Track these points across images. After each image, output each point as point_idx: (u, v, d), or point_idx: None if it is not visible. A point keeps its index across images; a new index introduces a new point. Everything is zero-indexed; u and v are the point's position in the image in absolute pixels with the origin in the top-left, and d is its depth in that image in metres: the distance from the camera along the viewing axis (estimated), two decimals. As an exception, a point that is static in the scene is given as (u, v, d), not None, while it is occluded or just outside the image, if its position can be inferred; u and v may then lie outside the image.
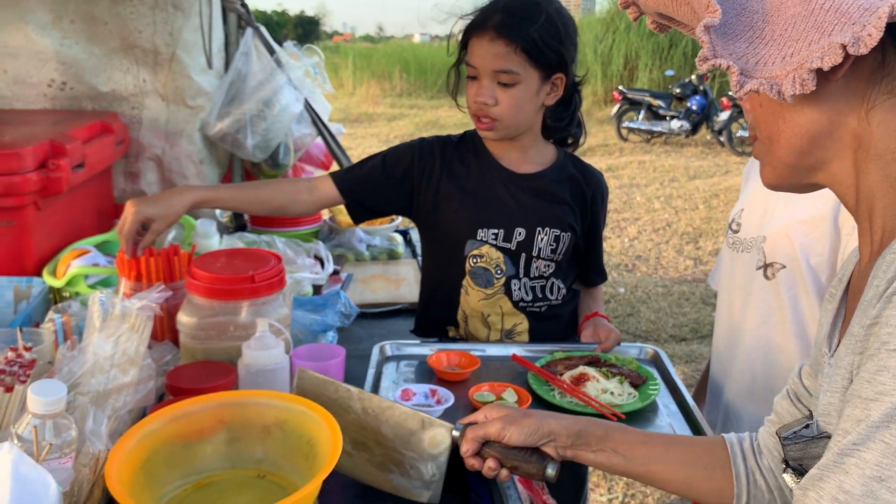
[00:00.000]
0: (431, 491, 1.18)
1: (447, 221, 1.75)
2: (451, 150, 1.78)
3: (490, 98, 1.62)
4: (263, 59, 2.49)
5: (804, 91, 0.73)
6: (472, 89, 1.66)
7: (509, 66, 1.60)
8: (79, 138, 1.98)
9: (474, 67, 1.63)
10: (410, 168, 1.76)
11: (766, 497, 1.05)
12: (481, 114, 1.65)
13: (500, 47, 1.59)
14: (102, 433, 1.00)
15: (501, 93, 1.62)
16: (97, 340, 1.13)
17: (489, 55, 1.60)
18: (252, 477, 1.14)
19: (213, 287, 1.36)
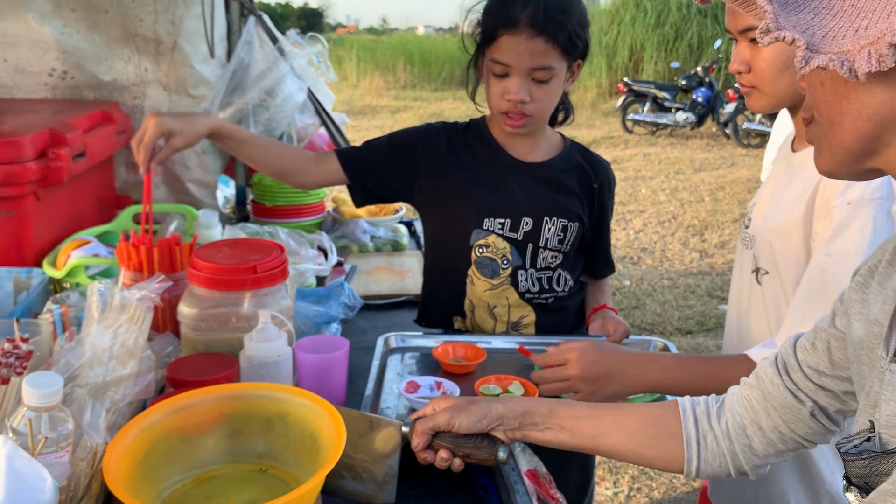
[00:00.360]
0: (386, 491, 1.16)
1: (453, 210, 1.72)
2: (457, 138, 1.75)
3: (526, 95, 1.58)
4: (266, 47, 2.46)
5: (881, 68, 0.65)
6: (497, 86, 1.60)
7: (548, 62, 1.56)
8: (79, 127, 1.95)
9: (505, 65, 1.57)
10: (414, 151, 1.73)
11: (717, 461, 1.05)
12: (515, 111, 1.60)
13: (540, 44, 1.53)
14: (100, 426, 0.97)
15: (536, 89, 1.58)
16: (95, 332, 1.11)
17: (526, 53, 1.54)
18: (254, 471, 1.12)
19: (215, 277, 1.34)
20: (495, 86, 1.60)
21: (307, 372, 1.33)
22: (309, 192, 2.50)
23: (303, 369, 1.33)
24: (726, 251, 6.52)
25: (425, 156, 1.73)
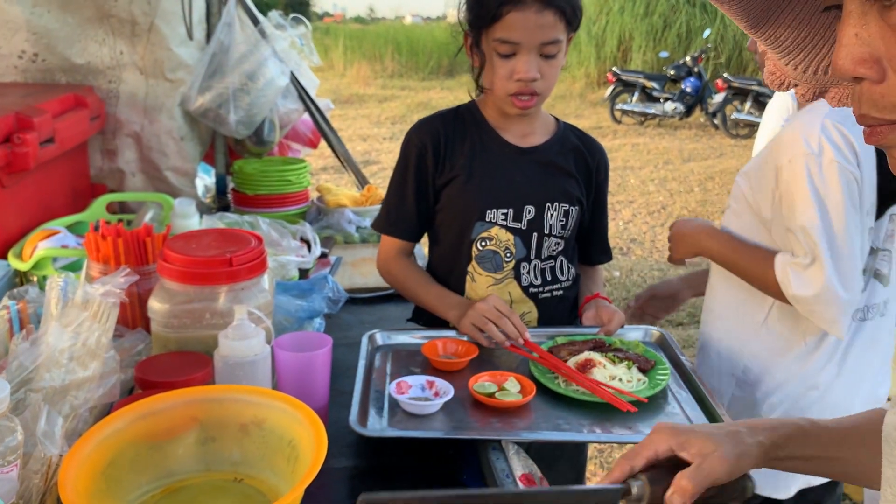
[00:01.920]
0: None
1: (452, 204, 1.64)
2: (449, 127, 1.65)
3: (537, 73, 1.51)
4: (247, 29, 2.37)
5: None
6: (505, 67, 1.52)
7: (556, 35, 1.50)
8: (48, 111, 1.86)
9: (514, 43, 1.49)
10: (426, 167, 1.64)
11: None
12: (526, 91, 1.53)
13: (549, 17, 1.48)
14: (56, 435, 0.89)
15: (544, 65, 1.52)
16: (53, 330, 1.02)
17: (536, 27, 1.48)
18: (228, 481, 1.04)
19: (187, 271, 1.25)
20: (502, 67, 1.52)
21: (287, 372, 1.24)
22: (292, 180, 2.41)
23: (282, 369, 1.24)
24: (716, 242, 6.47)
25: (434, 158, 1.63)
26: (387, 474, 1.22)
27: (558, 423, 1.30)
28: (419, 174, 1.64)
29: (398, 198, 1.67)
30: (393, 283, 1.73)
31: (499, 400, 1.32)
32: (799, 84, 0.74)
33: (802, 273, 1.48)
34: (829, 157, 1.46)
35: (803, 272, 1.48)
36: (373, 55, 19.75)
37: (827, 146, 1.47)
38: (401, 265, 1.69)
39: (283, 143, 2.74)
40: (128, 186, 2.38)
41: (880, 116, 0.62)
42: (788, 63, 0.73)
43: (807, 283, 1.48)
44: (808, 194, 1.47)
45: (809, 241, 1.48)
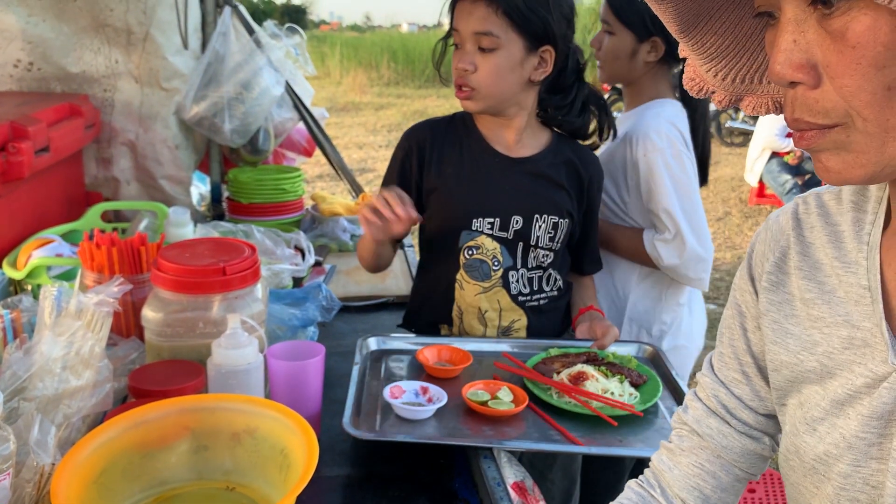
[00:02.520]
0: None
1: (439, 212, 1.64)
2: (440, 133, 1.67)
3: (469, 64, 1.54)
4: (242, 39, 2.38)
5: None
6: (455, 58, 1.58)
7: (489, 27, 1.52)
8: (43, 120, 1.86)
9: (458, 32, 1.56)
10: (410, 170, 1.66)
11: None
12: (461, 81, 1.57)
13: (481, 8, 1.52)
14: (49, 444, 0.89)
15: (480, 59, 1.54)
16: (47, 339, 1.02)
17: (470, 16, 1.53)
18: (220, 489, 1.04)
19: (181, 280, 1.25)
20: (453, 59, 1.60)
21: (280, 381, 1.24)
22: (287, 189, 2.42)
23: (275, 378, 1.25)
24: (711, 250, 6.48)
25: (418, 163, 1.66)
26: (378, 482, 1.22)
27: (549, 434, 1.30)
28: (403, 176, 1.67)
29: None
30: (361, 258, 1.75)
31: (491, 408, 1.33)
32: (716, 91, 0.76)
33: (669, 245, 1.81)
34: (676, 150, 1.80)
35: (669, 245, 1.81)
36: (369, 63, 19.78)
37: (674, 141, 1.80)
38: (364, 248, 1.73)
39: (278, 152, 2.74)
40: (122, 195, 2.38)
41: (812, 121, 0.64)
42: (709, 70, 0.75)
43: (673, 253, 1.81)
44: (665, 182, 1.79)
45: (671, 220, 1.80)
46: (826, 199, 0.81)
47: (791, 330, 0.80)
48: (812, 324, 0.78)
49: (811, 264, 0.79)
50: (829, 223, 0.79)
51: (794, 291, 0.81)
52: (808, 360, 0.77)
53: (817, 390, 0.77)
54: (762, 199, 7.78)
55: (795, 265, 0.81)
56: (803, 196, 0.84)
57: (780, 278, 0.83)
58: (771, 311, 0.83)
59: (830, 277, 0.77)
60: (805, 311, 0.79)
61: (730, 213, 7.60)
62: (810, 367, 0.77)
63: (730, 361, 0.91)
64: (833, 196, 0.81)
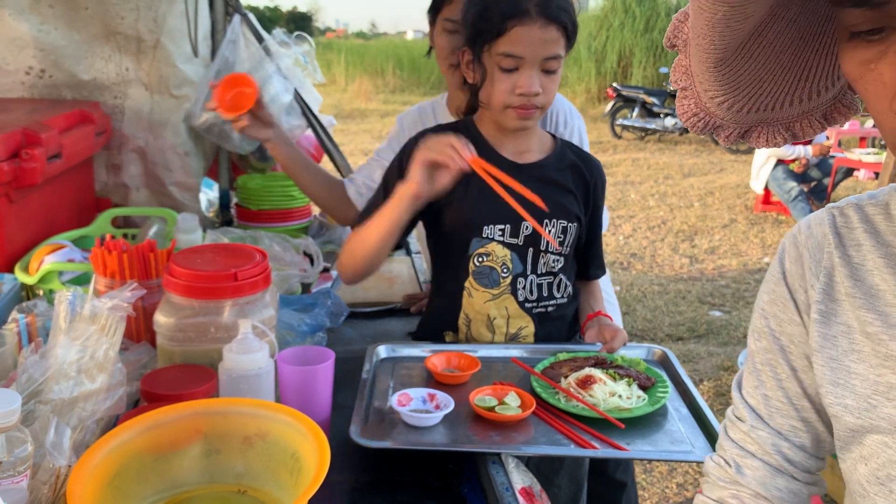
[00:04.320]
0: None
1: (450, 220, 1.65)
2: None
3: (539, 87, 1.53)
4: (251, 47, 2.40)
5: None
6: (507, 81, 1.53)
7: (558, 51, 1.52)
8: (55, 127, 1.88)
9: (518, 57, 1.51)
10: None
11: None
12: (527, 105, 1.55)
13: (553, 33, 1.50)
14: (65, 446, 0.90)
15: (546, 79, 1.54)
16: (62, 344, 1.03)
17: (541, 42, 1.50)
18: (232, 493, 1.05)
19: (193, 285, 1.27)
20: (504, 81, 1.54)
21: (290, 385, 1.26)
22: (295, 196, 2.43)
23: (285, 382, 1.26)
24: (716, 256, 6.49)
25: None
26: (387, 487, 1.23)
27: (556, 438, 1.31)
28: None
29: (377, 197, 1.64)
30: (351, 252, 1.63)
31: (498, 414, 1.34)
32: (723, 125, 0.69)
33: None
34: None
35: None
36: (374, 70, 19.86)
37: None
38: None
39: (286, 159, 2.76)
40: (132, 201, 2.40)
41: None
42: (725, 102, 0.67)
43: None
44: None
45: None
46: (871, 213, 0.72)
47: (854, 369, 0.70)
48: (882, 362, 0.68)
49: (866, 291, 0.70)
50: (880, 242, 0.70)
51: (852, 322, 0.70)
52: (882, 406, 0.67)
53: (888, 442, 0.67)
54: (767, 206, 7.79)
55: (847, 291, 0.71)
56: (839, 207, 0.75)
57: (830, 307, 0.72)
58: (826, 348, 0.72)
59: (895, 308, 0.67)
60: (870, 346, 0.69)
61: (735, 220, 7.60)
62: (884, 415, 0.67)
63: (783, 407, 0.78)
64: (879, 209, 0.72)
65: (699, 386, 4.01)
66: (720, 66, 0.64)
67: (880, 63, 0.57)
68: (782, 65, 0.67)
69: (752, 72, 0.65)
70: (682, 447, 1.30)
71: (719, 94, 0.67)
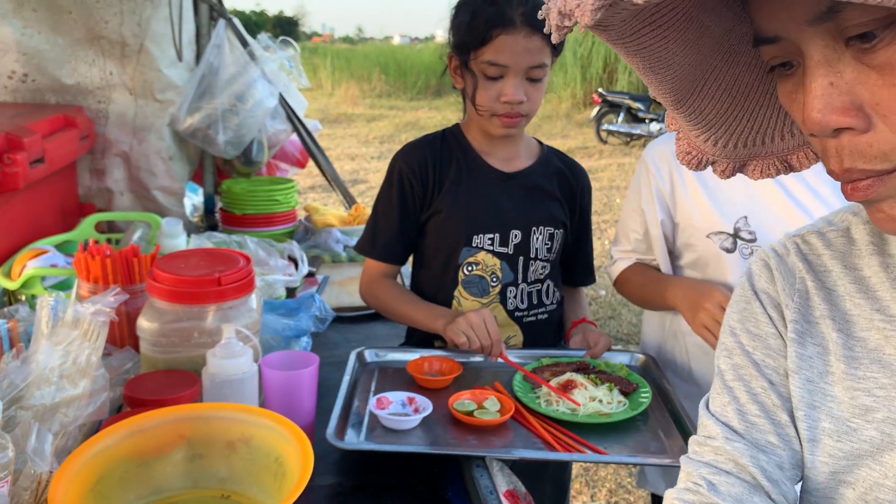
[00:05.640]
0: None
1: (439, 230, 1.65)
2: (436, 152, 1.66)
3: (523, 95, 1.54)
4: (236, 51, 2.40)
5: None
6: (492, 89, 1.54)
7: (543, 59, 1.53)
8: (38, 132, 1.87)
9: (502, 66, 1.52)
10: (411, 192, 1.66)
11: None
12: (512, 113, 1.55)
13: (537, 42, 1.50)
14: (46, 452, 0.90)
15: (530, 88, 1.55)
16: (44, 349, 1.03)
17: (525, 51, 1.50)
18: (215, 497, 1.05)
19: (176, 290, 1.26)
20: (489, 88, 1.55)
21: (274, 390, 1.26)
22: (280, 200, 2.43)
23: (269, 387, 1.26)
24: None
25: (421, 186, 1.65)
26: (372, 491, 1.23)
27: (534, 443, 1.31)
28: (403, 199, 1.65)
29: (384, 222, 1.68)
30: (377, 305, 1.72)
31: (476, 418, 1.34)
32: (717, 161, 0.69)
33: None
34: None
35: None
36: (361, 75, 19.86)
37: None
38: (386, 287, 1.70)
39: (272, 163, 2.76)
40: (116, 206, 2.39)
41: (869, 168, 0.57)
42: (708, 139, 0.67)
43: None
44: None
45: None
46: (832, 238, 0.73)
47: (830, 391, 0.70)
48: (856, 385, 0.68)
49: (840, 316, 0.70)
50: (848, 267, 0.71)
51: (828, 345, 0.71)
52: (863, 429, 0.67)
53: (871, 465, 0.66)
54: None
55: (822, 313, 0.72)
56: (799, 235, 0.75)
57: (805, 328, 0.72)
58: (803, 369, 0.72)
59: (870, 332, 0.68)
60: (842, 369, 0.69)
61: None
62: (866, 437, 0.67)
63: (759, 422, 0.74)
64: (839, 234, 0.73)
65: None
66: (679, 106, 0.65)
67: (797, 94, 0.60)
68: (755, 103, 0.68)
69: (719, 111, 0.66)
70: (660, 451, 1.30)
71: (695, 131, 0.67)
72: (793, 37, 0.57)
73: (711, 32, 0.62)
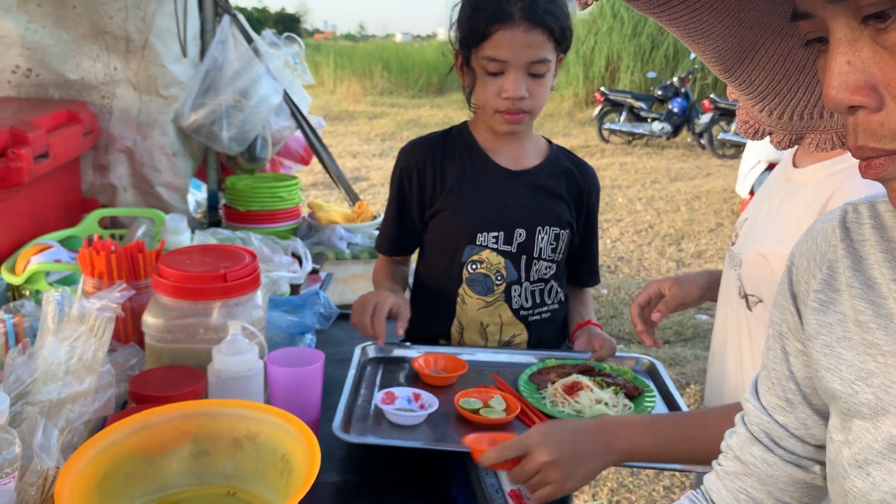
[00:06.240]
0: None
1: (443, 227, 1.65)
2: (439, 150, 1.67)
3: (525, 91, 1.52)
4: (241, 47, 2.39)
5: None
6: (493, 85, 1.54)
7: (544, 54, 1.51)
8: (43, 127, 1.87)
9: (502, 61, 1.51)
10: (410, 190, 1.68)
11: None
12: (513, 109, 1.55)
13: (537, 36, 1.49)
14: (53, 448, 0.90)
15: (532, 84, 1.53)
16: (50, 344, 1.03)
17: (524, 46, 1.49)
18: (221, 495, 1.04)
19: (182, 286, 1.26)
20: (490, 84, 1.54)
21: (280, 387, 1.25)
22: (284, 196, 2.43)
23: (275, 384, 1.26)
24: (703, 261, 6.52)
25: (419, 183, 1.66)
26: (377, 488, 1.23)
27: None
28: (402, 195, 1.68)
29: (387, 217, 1.75)
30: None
31: (482, 416, 1.34)
32: (774, 131, 0.70)
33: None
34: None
35: None
36: (363, 72, 19.84)
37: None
38: (377, 272, 1.79)
39: (275, 160, 2.76)
40: (119, 201, 2.39)
41: (879, 146, 0.58)
42: (763, 109, 0.69)
43: None
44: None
45: None
46: (881, 210, 0.74)
47: (844, 355, 0.72)
48: (866, 350, 0.70)
49: (864, 282, 0.71)
50: (884, 238, 0.72)
51: (848, 311, 0.73)
52: (862, 392, 0.69)
53: (868, 428, 0.69)
54: (754, 210, 7.82)
55: (847, 282, 0.73)
56: (854, 203, 0.76)
57: (830, 296, 0.74)
58: (822, 334, 0.74)
59: (887, 300, 0.69)
60: (859, 335, 0.71)
61: (722, 224, 7.64)
62: (864, 400, 0.69)
63: (772, 387, 0.83)
64: (889, 206, 0.73)
65: (686, 389, 4.03)
66: (728, 75, 0.66)
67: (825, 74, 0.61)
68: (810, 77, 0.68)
69: (771, 82, 0.67)
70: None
71: (750, 103, 0.69)
72: (819, 13, 0.59)
73: (755, 5, 0.63)
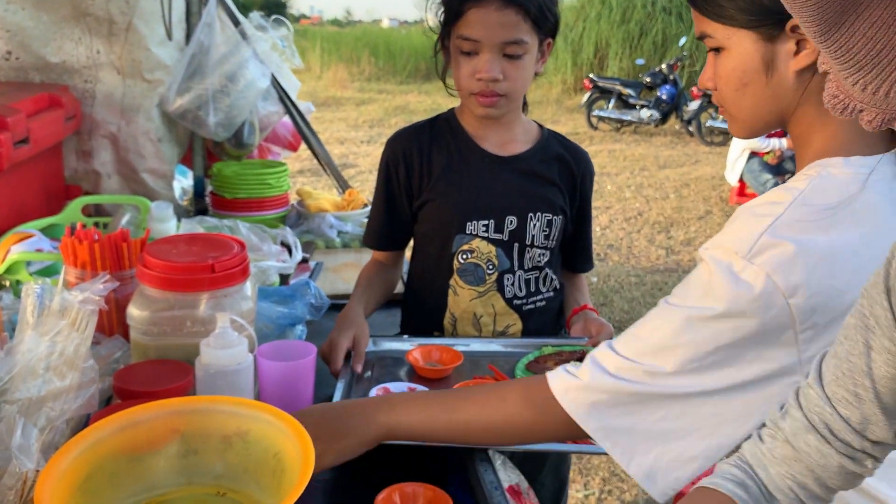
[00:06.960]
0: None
1: (432, 217, 1.62)
2: (425, 137, 1.63)
3: (498, 73, 1.48)
4: (228, 30, 2.33)
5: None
6: (467, 66, 1.50)
7: (519, 35, 1.47)
8: (23, 111, 1.81)
9: (474, 41, 1.47)
10: (396, 180, 1.64)
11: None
12: (487, 91, 1.51)
13: (511, 16, 1.45)
14: (32, 449, 0.85)
15: (508, 65, 1.49)
16: (30, 339, 0.98)
17: (497, 25, 1.45)
18: (211, 494, 1.00)
19: (168, 277, 1.21)
20: (465, 65, 1.51)
21: (270, 382, 1.21)
22: (272, 183, 2.38)
23: (266, 379, 1.22)
24: (692, 248, 6.52)
25: (405, 172, 1.63)
26: (371, 485, 1.19)
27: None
28: (388, 186, 1.64)
29: (374, 210, 1.70)
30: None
31: None
32: (866, 108, 0.64)
33: None
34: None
35: None
36: (350, 58, 19.71)
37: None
38: (359, 277, 1.72)
39: (263, 146, 2.70)
40: (103, 188, 2.33)
41: None
42: (857, 82, 0.63)
43: None
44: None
45: None
46: None
47: None
48: None
49: None
50: None
51: None
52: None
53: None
54: (742, 198, 7.83)
55: None
56: None
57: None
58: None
59: None
60: None
61: (711, 211, 7.65)
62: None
63: (841, 377, 0.79)
64: None
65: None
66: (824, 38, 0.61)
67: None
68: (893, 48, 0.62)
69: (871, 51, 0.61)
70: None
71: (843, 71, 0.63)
72: None
73: None
